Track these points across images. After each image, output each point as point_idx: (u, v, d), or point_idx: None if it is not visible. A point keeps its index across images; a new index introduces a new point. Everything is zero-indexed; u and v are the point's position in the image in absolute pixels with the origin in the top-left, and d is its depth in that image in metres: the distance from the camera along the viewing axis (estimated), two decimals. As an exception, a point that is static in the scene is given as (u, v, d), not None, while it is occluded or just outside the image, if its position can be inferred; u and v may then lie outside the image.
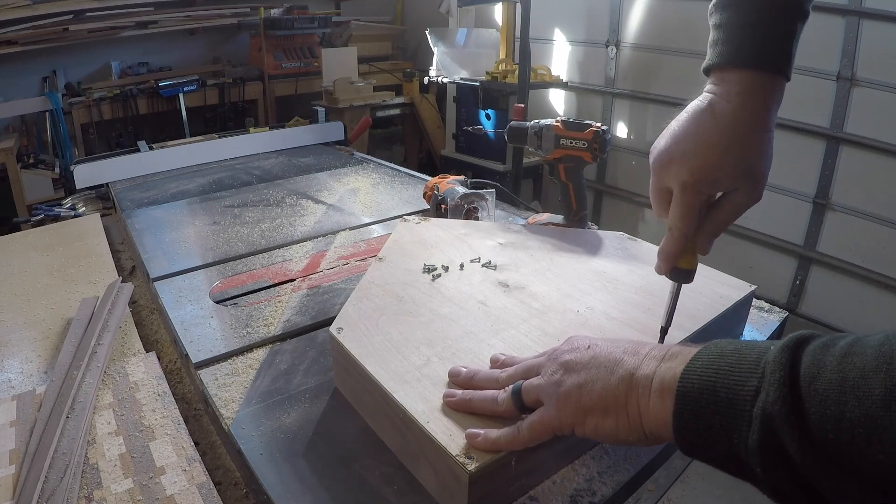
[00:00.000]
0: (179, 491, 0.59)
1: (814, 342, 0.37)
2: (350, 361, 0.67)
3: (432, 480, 0.58)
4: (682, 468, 0.80)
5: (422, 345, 0.68)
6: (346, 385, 0.72)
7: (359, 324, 0.72)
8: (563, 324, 0.73)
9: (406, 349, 0.67)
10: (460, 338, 0.70)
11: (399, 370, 0.64)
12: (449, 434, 0.55)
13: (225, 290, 1.03)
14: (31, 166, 3.11)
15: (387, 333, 0.70)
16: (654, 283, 0.82)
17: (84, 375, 0.75)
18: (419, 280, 0.84)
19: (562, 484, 0.61)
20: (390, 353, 0.67)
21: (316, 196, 1.54)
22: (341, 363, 0.72)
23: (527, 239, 1.00)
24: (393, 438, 0.63)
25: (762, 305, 0.96)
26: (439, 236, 1.00)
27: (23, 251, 1.23)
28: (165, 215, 1.42)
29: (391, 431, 0.63)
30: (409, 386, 0.61)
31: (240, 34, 3.99)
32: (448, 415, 0.57)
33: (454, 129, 3.36)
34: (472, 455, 0.52)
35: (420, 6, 4.41)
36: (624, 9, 2.98)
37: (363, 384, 0.66)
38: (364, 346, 0.68)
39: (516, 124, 1.15)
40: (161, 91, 3.40)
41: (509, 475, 0.56)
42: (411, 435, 0.58)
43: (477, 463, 0.52)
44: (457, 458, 0.52)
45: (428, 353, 0.67)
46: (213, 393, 0.75)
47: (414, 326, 0.72)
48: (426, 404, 0.59)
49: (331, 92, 3.44)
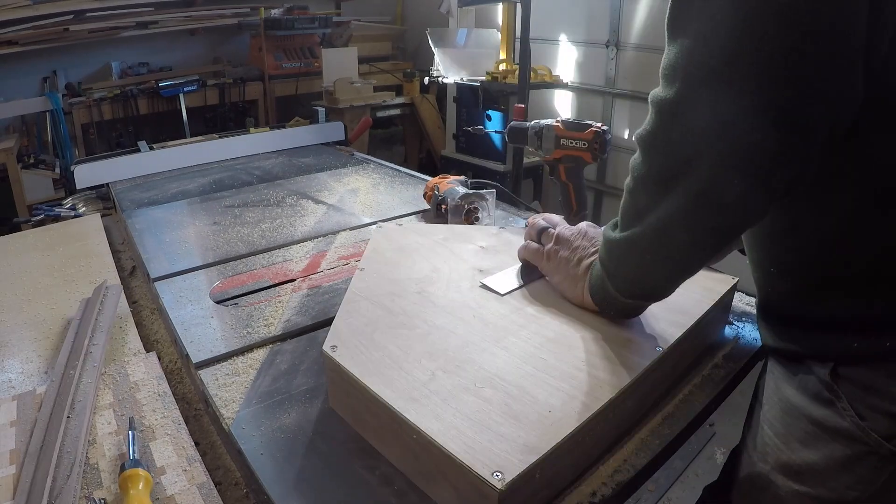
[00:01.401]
0: (180, 491, 0.59)
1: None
2: (350, 381, 0.64)
3: (452, 500, 0.55)
4: (682, 468, 0.80)
5: (423, 358, 0.66)
6: (344, 406, 0.69)
7: (352, 340, 0.70)
8: (562, 327, 0.73)
9: (408, 364, 0.65)
10: (461, 348, 0.68)
11: (405, 388, 0.61)
12: (471, 452, 0.53)
13: (225, 290, 1.03)
14: (32, 166, 3.11)
15: (384, 349, 0.68)
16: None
17: (81, 376, 0.75)
18: (407, 290, 0.82)
19: (562, 484, 0.61)
20: (392, 369, 0.64)
21: (316, 196, 1.54)
22: (338, 384, 0.68)
23: (507, 243, 0.98)
24: (403, 460, 0.61)
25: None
26: (419, 242, 0.98)
27: (23, 251, 1.23)
28: (166, 215, 1.42)
29: (402, 452, 0.60)
30: (418, 404, 0.59)
31: (240, 34, 3.98)
32: (464, 431, 0.55)
33: (454, 129, 3.36)
34: (499, 472, 0.50)
35: (420, 6, 4.40)
36: (624, 9, 2.98)
37: (366, 405, 0.63)
38: (363, 365, 0.65)
39: (516, 124, 1.15)
40: (161, 91, 3.40)
41: (533, 487, 0.54)
42: (427, 455, 0.56)
43: (506, 480, 0.50)
44: (484, 478, 0.50)
45: (431, 366, 0.65)
46: (213, 393, 0.75)
47: (411, 340, 0.70)
48: (440, 422, 0.56)
49: (331, 92, 3.44)
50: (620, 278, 0.66)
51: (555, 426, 0.56)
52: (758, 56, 0.46)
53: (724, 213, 0.53)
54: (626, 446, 0.67)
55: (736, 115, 0.48)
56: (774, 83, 0.47)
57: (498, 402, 0.59)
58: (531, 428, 0.56)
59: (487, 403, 0.59)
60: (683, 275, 0.63)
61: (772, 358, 0.72)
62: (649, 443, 0.68)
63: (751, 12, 0.46)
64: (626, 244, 0.62)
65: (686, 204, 0.53)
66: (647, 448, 0.67)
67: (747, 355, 0.84)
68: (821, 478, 0.61)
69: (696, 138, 0.51)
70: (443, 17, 3.67)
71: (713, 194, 0.51)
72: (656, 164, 0.56)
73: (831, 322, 0.61)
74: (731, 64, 0.48)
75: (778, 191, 0.51)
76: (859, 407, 0.58)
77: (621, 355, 0.67)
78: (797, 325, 0.65)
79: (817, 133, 0.48)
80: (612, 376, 0.63)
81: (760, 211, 0.53)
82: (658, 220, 0.56)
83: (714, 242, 0.58)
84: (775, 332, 0.69)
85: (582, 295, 0.74)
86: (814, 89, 0.46)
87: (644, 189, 0.58)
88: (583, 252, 0.75)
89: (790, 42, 0.45)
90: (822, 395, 0.61)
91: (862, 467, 0.59)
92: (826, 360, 0.61)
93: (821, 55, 0.45)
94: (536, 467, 0.52)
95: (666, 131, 0.53)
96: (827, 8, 0.44)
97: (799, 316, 0.65)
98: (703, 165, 0.51)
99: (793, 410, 0.64)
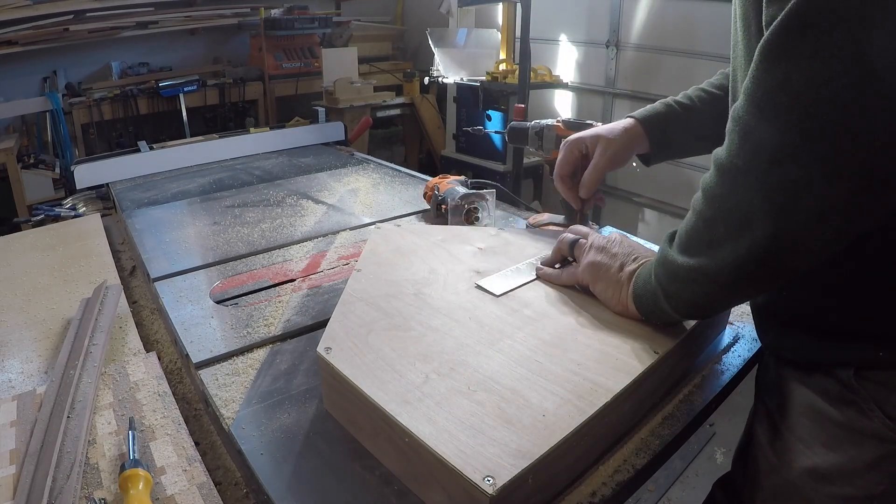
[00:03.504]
0: (180, 491, 0.59)
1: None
2: (343, 383, 0.64)
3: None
4: (682, 468, 0.80)
5: (417, 361, 0.66)
6: (338, 408, 0.69)
7: (347, 342, 0.69)
8: (559, 330, 0.72)
9: (401, 367, 0.65)
10: (456, 351, 0.68)
11: (398, 390, 0.61)
12: (462, 456, 0.52)
13: (225, 290, 1.03)
14: (32, 166, 3.11)
15: (378, 351, 0.68)
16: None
17: (81, 376, 0.75)
18: (403, 291, 0.81)
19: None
20: (385, 372, 0.64)
21: (316, 196, 1.54)
22: (333, 385, 0.68)
23: (505, 243, 0.98)
24: (397, 462, 0.61)
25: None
26: (416, 243, 0.98)
27: (23, 251, 1.23)
28: (166, 215, 1.42)
29: (394, 455, 0.60)
30: (411, 407, 0.58)
31: (240, 34, 3.98)
32: (457, 435, 0.55)
33: (454, 129, 3.36)
34: (490, 477, 0.50)
35: (420, 6, 4.41)
36: (624, 9, 2.99)
37: (359, 407, 0.63)
38: (357, 367, 0.65)
39: (517, 125, 1.15)
40: (161, 91, 3.40)
41: (526, 492, 0.54)
42: (419, 459, 0.56)
43: (497, 485, 0.49)
44: (475, 482, 0.50)
45: (425, 369, 0.64)
46: (213, 393, 0.75)
47: (406, 342, 0.69)
48: (433, 425, 0.56)
49: (331, 92, 3.44)
50: (682, 301, 0.64)
51: (548, 430, 0.56)
52: (865, 138, 0.46)
53: (808, 257, 0.53)
54: (626, 446, 0.67)
55: (833, 176, 0.48)
56: (872, 160, 0.47)
57: (491, 406, 0.59)
58: (524, 432, 0.55)
59: (481, 407, 0.59)
60: (744, 300, 0.69)
61: (778, 361, 0.71)
62: (649, 443, 0.68)
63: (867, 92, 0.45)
64: (697, 273, 0.59)
65: (771, 245, 0.52)
66: (647, 448, 0.67)
67: (747, 355, 0.84)
68: (849, 478, 0.61)
69: (797, 188, 0.49)
70: (443, 17, 3.67)
71: (803, 243, 0.51)
72: (745, 200, 0.53)
73: (854, 331, 0.60)
74: (838, 133, 0.47)
75: (851, 236, 0.52)
76: (887, 407, 0.58)
77: (618, 359, 0.66)
78: (811, 333, 0.64)
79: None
80: (608, 380, 0.63)
81: (831, 253, 0.53)
82: (737, 257, 0.55)
83: (786, 280, 0.57)
84: (786, 340, 0.68)
85: (626, 303, 0.72)
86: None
87: (724, 220, 0.55)
88: (624, 258, 0.74)
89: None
90: (845, 397, 0.61)
91: (892, 464, 0.59)
92: (846, 367, 0.61)
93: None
94: (529, 472, 0.52)
95: (763, 171, 0.51)
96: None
97: (813, 325, 0.64)
98: (799, 216, 0.50)
99: (813, 415, 0.64)
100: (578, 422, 0.57)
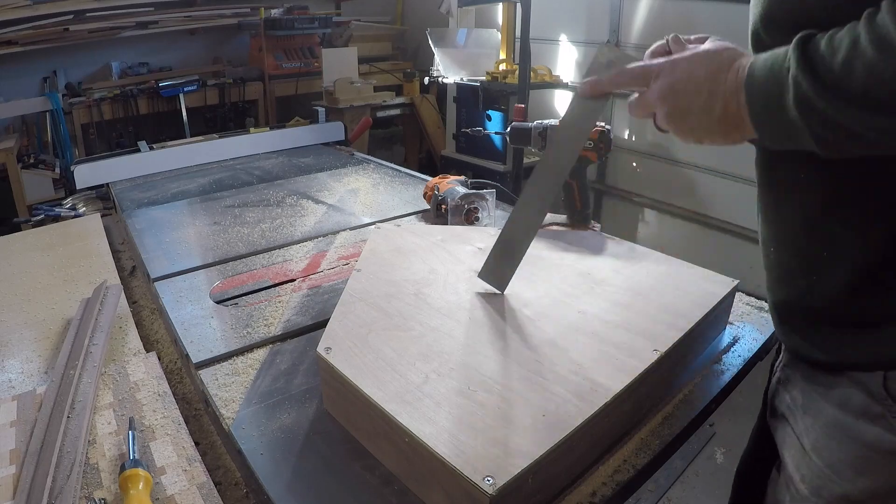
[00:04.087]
0: (180, 491, 0.59)
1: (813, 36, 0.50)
2: (343, 383, 0.64)
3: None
4: (682, 468, 0.80)
5: (417, 361, 0.66)
6: (338, 408, 0.69)
7: (347, 342, 0.69)
8: (558, 330, 0.72)
9: (401, 367, 0.65)
10: (456, 351, 0.68)
11: (398, 390, 0.61)
12: (462, 456, 0.52)
13: (225, 290, 1.03)
14: (32, 166, 3.11)
15: (378, 351, 0.68)
16: (640, 282, 0.83)
17: (81, 376, 0.75)
18: (403, 291, 0.82)
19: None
20: (385, 372, 0.64)
21: (316, 196, 1.54)
22: (332, 385, 0.68)
23: None
24: (397, 463, 0.61)
25: (763, 305, 0.96)
26: (416, 243, 0.98)
27: (23, 251, 1.23)
28: (166, 215, 1.42)
29: (394, 455, 0.60)
30: (411, 407, 0.59)
31: (240, 34, 3.98)
32: (457, 435, 0.55)
33: (454, 129, 3.36)
34: (490, 477, 0.50)
35: (420, 6, 4.40)
36: (624, 9, 2.98)
37: (359, 407, 0.63)
38: (357, 367, 0.65)
39: (519, 125, 1.15)
40: (161, 91, 3.40)
41: (526, 492, 0.54)
42: (419, 459, 0.56)
43: (497, 485, 0.49)
44: (475, 482, 0.49)
45: (425, 369, 0.64)
46: (213, 393, 0.75)
47: (406, 342, 0.70)
48: (433, 426, 0.56)
49: (331, 92, 3.44)
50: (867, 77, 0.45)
51: (548, 430, 0.56)
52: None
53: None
54: (626, 446, 0.67)
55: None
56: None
57: (491, 406, 0.59)
58: (524, 432, 0.55)
59: (481, 407, 0.59)
60: None
61: (794, 368, 0.65)
62: (649, 443, 0.68)
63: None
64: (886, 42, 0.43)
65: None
66: (647, 448, 0.67)
67: (747, 355, 0.84)
68: (882, 500, 0.57)
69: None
70: (443, 17, 3.66)
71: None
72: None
73: (887, 322, 0.54)
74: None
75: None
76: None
77: (618, 359, 0.66)
78: (842, 326, 0.58)
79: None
80: (608, 380, 0.63)
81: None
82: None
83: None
84: (814, 337, 0.61)
85: (734, 100, 0.55)
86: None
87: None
88: (733, 53, 0.57)
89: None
90: (870, 410, 0.55)
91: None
92: (874, 369, 0.55)
93: None
94: (529, 472, 0.52)
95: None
96: None
97: (845, 315, 0.57)
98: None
99: (837, 433, 0.58)
100: (578, 422, 0.57)
